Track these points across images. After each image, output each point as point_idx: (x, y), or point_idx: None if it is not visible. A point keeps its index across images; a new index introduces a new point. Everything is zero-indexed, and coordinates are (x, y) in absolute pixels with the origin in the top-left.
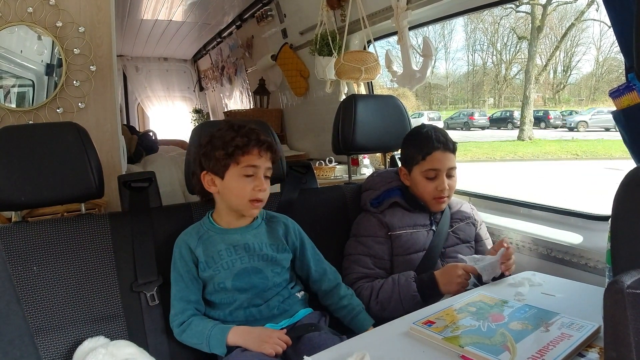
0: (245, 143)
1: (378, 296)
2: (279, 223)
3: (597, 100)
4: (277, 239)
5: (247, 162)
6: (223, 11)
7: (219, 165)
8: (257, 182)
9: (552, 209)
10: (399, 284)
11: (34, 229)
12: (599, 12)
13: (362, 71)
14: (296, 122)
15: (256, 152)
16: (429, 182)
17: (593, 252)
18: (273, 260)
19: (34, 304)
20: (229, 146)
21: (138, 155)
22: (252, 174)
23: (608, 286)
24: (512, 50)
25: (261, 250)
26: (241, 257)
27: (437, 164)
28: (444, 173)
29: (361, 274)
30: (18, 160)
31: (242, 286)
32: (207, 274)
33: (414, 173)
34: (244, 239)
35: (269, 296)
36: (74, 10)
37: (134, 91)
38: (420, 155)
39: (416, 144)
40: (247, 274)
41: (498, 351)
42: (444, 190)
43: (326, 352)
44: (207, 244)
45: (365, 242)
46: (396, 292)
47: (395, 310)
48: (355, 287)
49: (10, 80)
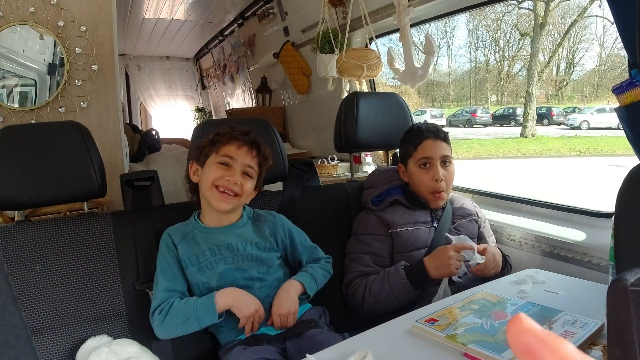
0: (227, 133)
1: (371, 289)
2: (265, 222)
3: (600, 97)
4: (264, 238)
5: (225, 152)
6: (225, 9)
7: (202, 153)
8: (229, 173)
9: (555, 206)
10: (388, 274)
11: (36, 228)
12: (601, 8)
13: (364, 69)
14: (298, 120)
15: (235, 144)
16: (423, 173)
17: (596, 249)
18: (258, 260)
19: (37, 303)
20: (215, 136)
21: (141, 154)
22: (227, 164)
23: (611, 284)
24: (514, 47)
25: (245, 250)
26: (225, 257)
27: (428, 151)
28: (437, 161)
29: (360, 272)
30: (20, 160)
31: (226, 286)
32: (190, 272)
33: (410, 166)
34: (227, 239)
35: (260, 296)
36: (75, 10)
37: (137, 90)
38: (412, 146)
39: (408, 138)
40: (231, 273)
41: (501, 349)
42: (440, 179)
43: (328, 350)
44: (191, 242)
45: (364, 240)
46: (387, 282)
47: (388, 301)
48: (353, 284)
49: (12, 80)
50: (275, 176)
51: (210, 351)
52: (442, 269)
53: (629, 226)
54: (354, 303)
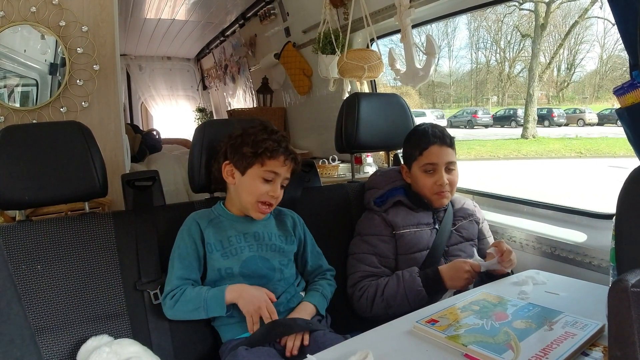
0: (275, 148)
1: (383, 293)
2: (287, 216)
3: (601, 98)
4: (286, 231)
5: (271, 167)
6: (226, 10)
7: (244, 160)
8: (273, 188)
9: (556, 207)
10: (403, 280)
11: (37, 228)
12: (602, 9)
13: (365, 69)
14: (299, 121)
15: (282, 160)
16: (427, 177)
17: (597, 250)
18: (281, 251)
19: (38, 302)
20: (258, 146)
21: (142, 154)
22: (271, 180)
23: (612, 285)
24: (515, 48)
25: (270, 240)
26: (250, 245)
27: (434, 158)
28: (442, 167)
29: (366, 272)
30: (22, 160)
31: (248, 273)
32: (214, 257)
33: (413, 169)
34: (254, 228)
35: (277, 291)
36: (77, 10)
37: (138, 90)
38: (418, 150)
39: (414, 141)
40: (255, 261)
41: (501, 350)
42: (443, 184)
43: (329, 350)
44: (217, 228)
45: (370, 241)
46: (401, 288)
47: (401, 307)
48: (360, 285)
49: (14, 80)
50: None
51: (211, 350)
52: (455, 280)
53: (630, 227)
54: (361, 305)
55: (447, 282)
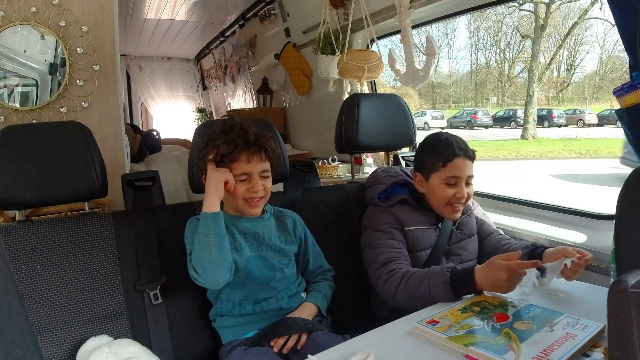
0: (231, 150)
1: (408, 281)
2: (287, 217)
3: (600, 99)
4: (286, 232)
5: (238, 170)
6: (226, 10)
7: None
8: (251, 184)
9: (556, 208)
10: (432, 272)
11: (37, 228)
12: (602, 10)
13: (365, 70)
14: (299, 121)
15: (244, 159)
16: (448, 189)
17: (597, 251)
18: (280, 251)
19: (38, 302)
20: (217, 154)
21: (141, 154)
22: (245, 179)
23: (612, 286)
24: (515, 48)
25: (270, 240)
26: (250, 244)
27: (457, 171)
28: (464, 181)
29: (392, 255)
30: (22, 160)
31: (249, 272)
32: None
33: (433, 180)
34: (255, 228)
35: (278, 288)
36: (77, 10)
37: (138, 90)
38: (441, 161)
39: (436, 150)
40: (254, 260)
41: (502, 351)
42: (462, 197)
43: (330, 351)
44: None
45: (384, 229)
46: (426, 281)
47: (423, 300)
48: (389, 268)
49: (13, 80)
50: (277, 177)
51: (211, 351)
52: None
53: (630, 228)
54: (385, 290)
55: (483, 286)
